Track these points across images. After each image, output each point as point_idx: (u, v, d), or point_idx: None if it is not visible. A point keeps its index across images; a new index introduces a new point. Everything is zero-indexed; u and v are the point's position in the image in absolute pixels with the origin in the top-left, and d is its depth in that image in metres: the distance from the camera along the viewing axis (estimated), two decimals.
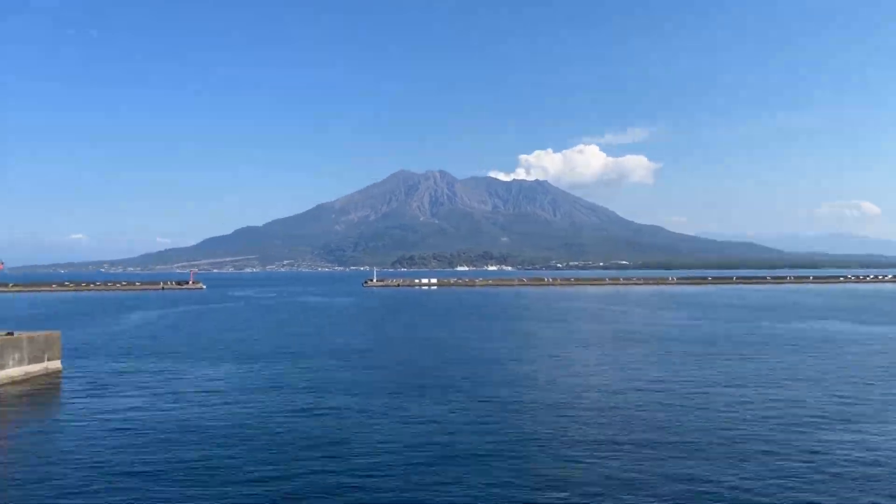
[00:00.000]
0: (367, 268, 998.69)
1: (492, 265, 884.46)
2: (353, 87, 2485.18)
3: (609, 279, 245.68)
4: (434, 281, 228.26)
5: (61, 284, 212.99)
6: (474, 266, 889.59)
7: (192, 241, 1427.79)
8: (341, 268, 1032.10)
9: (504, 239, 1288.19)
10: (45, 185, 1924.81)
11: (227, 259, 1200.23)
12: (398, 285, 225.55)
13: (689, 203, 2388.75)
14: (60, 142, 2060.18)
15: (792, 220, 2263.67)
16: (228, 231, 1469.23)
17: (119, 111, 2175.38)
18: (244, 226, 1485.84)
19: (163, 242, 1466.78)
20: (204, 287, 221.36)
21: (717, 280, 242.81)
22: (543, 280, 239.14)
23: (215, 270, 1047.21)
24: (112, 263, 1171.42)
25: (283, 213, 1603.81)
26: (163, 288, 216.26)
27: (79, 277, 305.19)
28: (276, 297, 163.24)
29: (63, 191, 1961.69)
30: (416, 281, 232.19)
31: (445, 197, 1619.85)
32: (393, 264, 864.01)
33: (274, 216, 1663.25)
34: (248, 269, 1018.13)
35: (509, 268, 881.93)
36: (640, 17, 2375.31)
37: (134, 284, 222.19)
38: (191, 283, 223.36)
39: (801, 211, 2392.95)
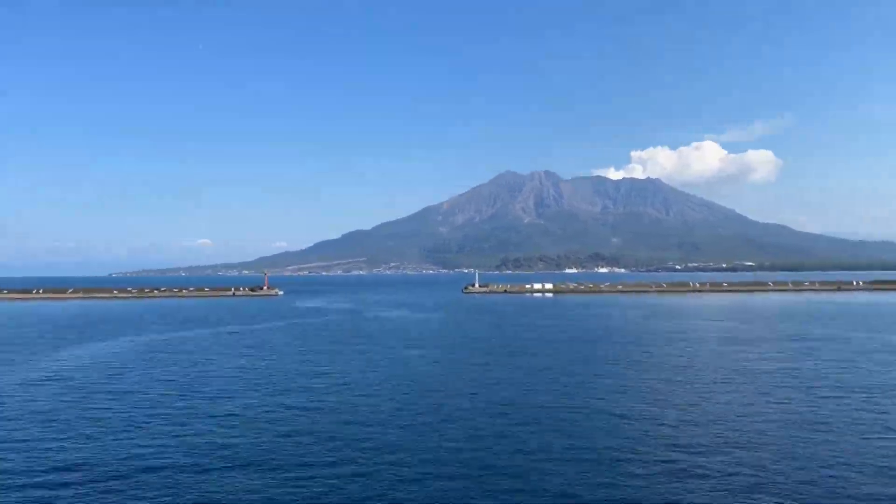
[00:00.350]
0: (471, 270, 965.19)
1: (602, 267, 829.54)
2: (457, 89, 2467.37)
3: (773, 283, 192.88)
4: (549, 286, 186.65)
5: (123, 290, 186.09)
6: (583, 268, 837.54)
7: (304, 245, 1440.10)
8: (446, 270, 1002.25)
9: (614, 240, 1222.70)
10: (177, 193, 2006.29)
11: (336, 262, 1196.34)
12: (504, 291, 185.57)
13: (816, 201, 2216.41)
14: (191, 150, 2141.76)
15: None
16: (338, 235, 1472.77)
17: (246, 120, 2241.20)
18: (354, 229, 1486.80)
19: (279, 246, 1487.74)
20: (280, 293, 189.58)
21: None
22: (689, 285, 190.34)
23: (324, 273, 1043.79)
24: (228, 267, 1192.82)
25: (390, 217, 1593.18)
26: (234, 294, 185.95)
27: (156, 283, 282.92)
28: (350, 308, 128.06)
29: (190, 199, 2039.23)
30: (527, 286, 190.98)
31: (551, 198, 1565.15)
32: (497, 266, 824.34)
33: (381, 219, 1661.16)
34: (356, 272, 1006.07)
35: (621, 269, 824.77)
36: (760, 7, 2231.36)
37: (203, 290, 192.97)
38: (265, 288, 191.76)
39: None
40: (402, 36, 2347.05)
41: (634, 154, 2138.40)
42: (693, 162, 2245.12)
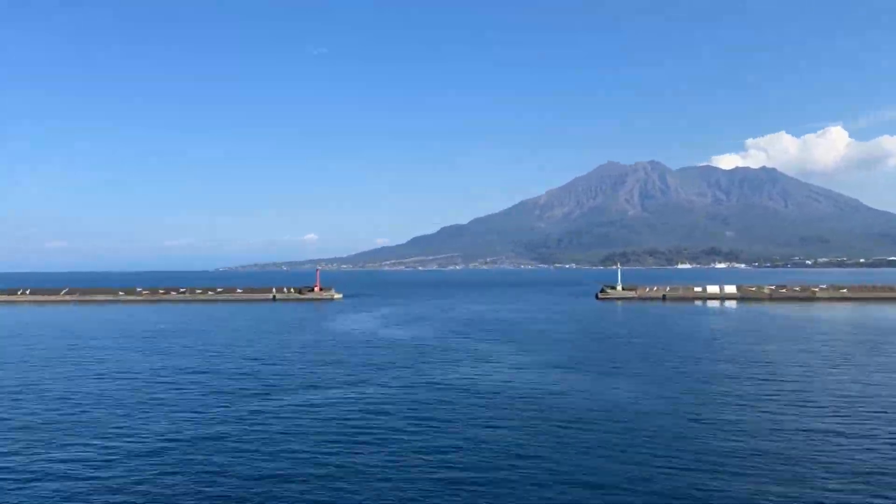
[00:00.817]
0: (574, 265, 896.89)
1: (719, 262, 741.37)
2: (552, 74, 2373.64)
3: None
4: (731, 290, 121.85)
5: (130, 291, 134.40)
6: (697, 264, 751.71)
7: (402, 240, 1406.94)
8: (545, 265, 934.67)
9: (728, 233, 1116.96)
10: (289, 189, 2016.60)
11: (432, 257, 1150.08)
12: (663, 297, 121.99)
13: None
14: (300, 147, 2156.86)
15: None
16: (434, 230, 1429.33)
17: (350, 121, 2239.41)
18: (450, 224, 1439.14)
19: (381, 242, 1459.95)
20: (339, 296, 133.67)
21: None
22: None
23: (420, 268, 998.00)
24: (327, 262, 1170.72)
25: (486, 211, 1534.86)
26: (274, 298, 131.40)
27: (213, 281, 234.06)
28: (432, 326, 70.75)
29: (303, 193, 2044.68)
30: (696, 289, 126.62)
31: (657, 189, 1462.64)
32: (603, 262, 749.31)
33: (476, 214, 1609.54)
34: (452, 267, 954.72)
35: (741, 265, 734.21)
36: None
37: (234, 291, 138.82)
38: (317, 288, 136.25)
39: None
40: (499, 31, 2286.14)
41: (749, 142, 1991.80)
42: (815, 150, 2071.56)
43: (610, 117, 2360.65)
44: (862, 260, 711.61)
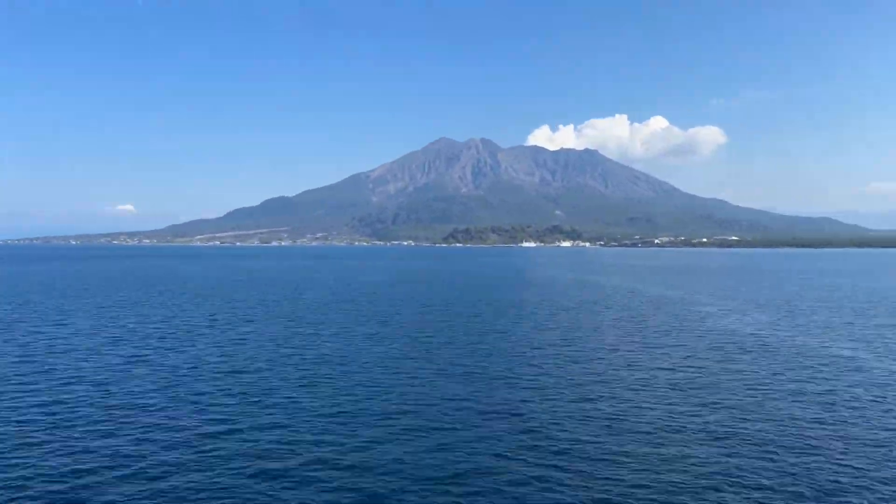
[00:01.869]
0: (410, 242, 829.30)
1: (563, 240, 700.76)
2: (389, 50, 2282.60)
3: None
4: None
5: None
6: (542, 242, 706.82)
7: (221, 213, 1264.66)
8: (381, 242, 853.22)
9: (558, 213, 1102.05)
10: (101, 153, 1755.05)
11: (254, 231, 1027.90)
12: None
13: (761, 179, 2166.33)
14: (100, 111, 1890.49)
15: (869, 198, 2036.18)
16: (256, 202, 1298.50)
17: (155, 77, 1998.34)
18: (276, 195, 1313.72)
19: (203, 213, 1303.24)
20: None
21: None
22: None
23: (238, 244, 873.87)
24: (130, 235, 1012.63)
25: (317, 183, 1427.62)
26: None
27: None
28: None
29: (113, 159, 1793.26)
30: None
31: (489, 167, 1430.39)
32: (446, 239, 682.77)
33: (306, 186, 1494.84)
34: (276, 243, 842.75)
35: (585, 243, 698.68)
36: None
37: None
38: None
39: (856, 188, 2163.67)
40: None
41: (570, 126, 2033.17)
42: (635, 135, 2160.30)
43: (443, 92, 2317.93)
44: (704, 239, 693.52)
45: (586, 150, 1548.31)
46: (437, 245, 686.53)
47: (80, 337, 41.53)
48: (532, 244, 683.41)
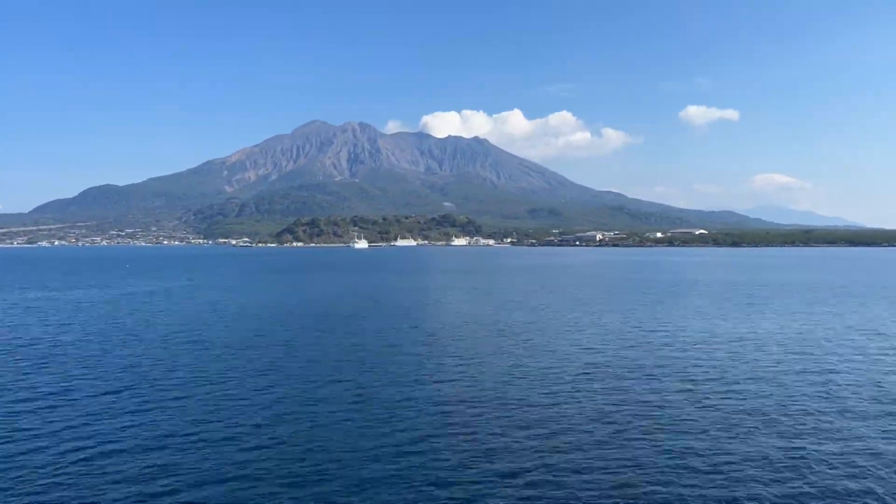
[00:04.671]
0: (247, 240, 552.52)
1: (458, 237, 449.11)
2: (254, 21, 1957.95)
3: None
4: None
5: None
6: (426, 239, 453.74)
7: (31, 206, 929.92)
8: (205, 241, 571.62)
9: (447, 204, 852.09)
10: None
11: (31, 228, 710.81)
12: None
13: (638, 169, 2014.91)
14: None
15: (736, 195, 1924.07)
16: (74, 193, 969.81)
17: None
18: (100, 185, 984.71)
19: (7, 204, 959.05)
20: None
21: None
22: None
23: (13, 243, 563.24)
24: None
25: (162, 171, 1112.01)
26: None
27: None
28: None
29: None
30: None
31: (367, 153, 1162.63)
32: (279, 235, 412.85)
33: (150, 174, 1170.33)
34: (46, 243, 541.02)
35: (488, 241, 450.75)
36: None
37: None
38: None
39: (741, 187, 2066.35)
40: None
41: (454, 113, 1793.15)
42: (505, 126, 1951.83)
43: (317, 71, 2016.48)
44: (659, 234, 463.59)
45: (475, 139, 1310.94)
46: (258, 245, 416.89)
47: None
48: (410, 242, 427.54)
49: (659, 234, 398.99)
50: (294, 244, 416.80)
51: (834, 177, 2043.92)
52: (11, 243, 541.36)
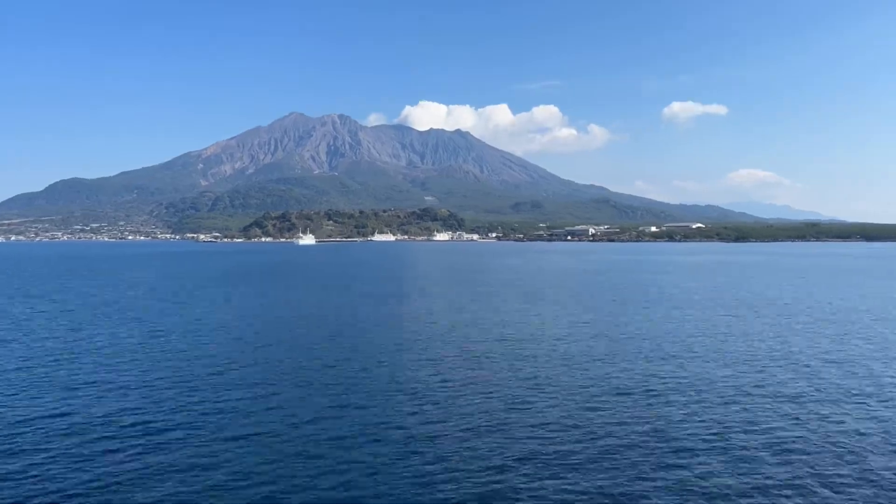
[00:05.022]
0: (214, 235, 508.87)
1: (439, 231, 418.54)
2: (234, 13, 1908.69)
3: None
4: None
5: None
6: (406, 234, 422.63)
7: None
8: (172, 236, 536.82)
9: (429, 198, 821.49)
10: None
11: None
12: None
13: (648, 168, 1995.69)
14: None
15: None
16: (41, 186, 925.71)
17: None
18: (70, 177, 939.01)
19: None
20: None
21: None
22: None
23: None
24: None
25: (136, 164, 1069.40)
26: None
27: None
28: None
29: None
30: None
31: (347, 146, 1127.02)
32: (247, 229, 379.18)
33: (122, 167, 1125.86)
34: (1, 238, 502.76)
35: (472, 236, 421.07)
36: None
37: None
38: None
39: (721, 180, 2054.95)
40: None
41: (441, 106, 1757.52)
42: (490, 120, 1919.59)
43: (295, 62, 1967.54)
44: (654, 228, 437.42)
45: (458, 132, 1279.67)
46: (224, 241, 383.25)
47: None
48: (389, 237, 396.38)
49: (654, 228, 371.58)
50: (263, 239, 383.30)
51: (810, 173, 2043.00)
52: None
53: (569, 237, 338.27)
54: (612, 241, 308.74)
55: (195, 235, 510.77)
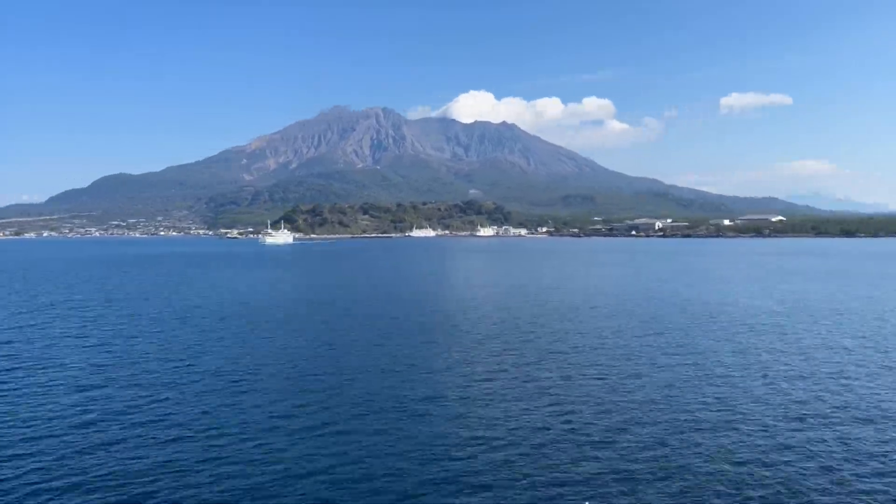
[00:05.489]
0: (238, 232, 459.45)
1: (484, 226, 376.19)
2: (279, 5, 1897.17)
3: None
4: None
5: None
6: (448, 230, 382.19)
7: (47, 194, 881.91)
8: (206, 231, 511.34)
9: (473, 191, 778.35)
10: None
11: (43, 219, 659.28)
12: None
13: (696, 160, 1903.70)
14: None
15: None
16: (85, 183, 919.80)
17: None
18: (116, 173, 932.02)
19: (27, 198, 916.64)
20: None
21: None
22: None
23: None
24: None
25: (184, 160, 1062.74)
26: None
27: None
28: None
29: None
30: None
31: (391, 140, 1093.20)
32: (275, 223, 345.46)
33: (167, 163, 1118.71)
34: (33, 234, 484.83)
35: (519, 231, 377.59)
36: None
37: None
38: None
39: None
40: None
41: (488, 95, 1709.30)
42: (542, 111, 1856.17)
43: (334, 56, 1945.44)
44: (737, 221, 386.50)
45: (504, 124, 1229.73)
46: (248, 237, 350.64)
47: None
48: (429, 232, 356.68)
49: (727, 222, 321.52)
50: (294, 235, 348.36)
51: (871, 164, 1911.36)
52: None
53: (633, 232, 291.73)
54: (688, 236, 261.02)
55: (228, 231, 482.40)
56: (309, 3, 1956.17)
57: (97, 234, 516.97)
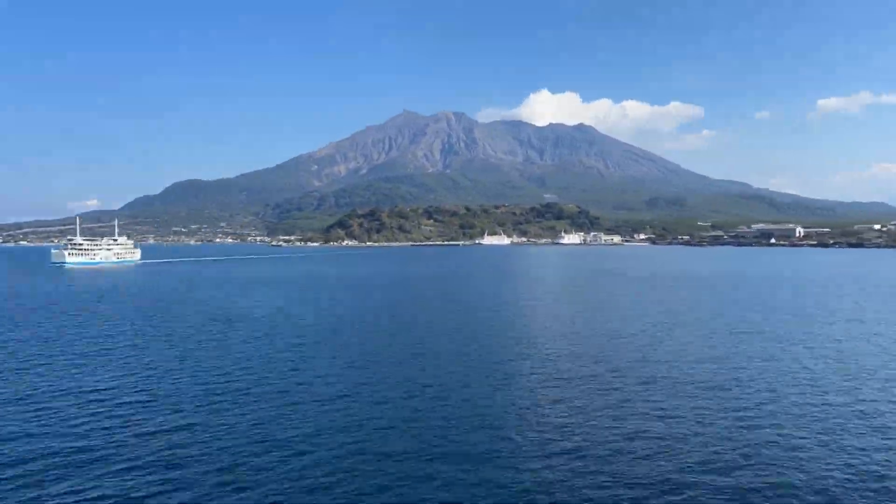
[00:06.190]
0: (285, 239, 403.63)
1: (568, 233, 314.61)
2: (346, 8, 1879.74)
3: None
4: None
5: None
6: (525, 237, 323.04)
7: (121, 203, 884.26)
8: (263, 238, 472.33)
9: (548, 196, 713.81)
10: None
11: (108, 224, 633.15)
12: None
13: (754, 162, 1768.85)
14: None
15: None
16: (158, 189, 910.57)
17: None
18: (187, 179, 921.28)
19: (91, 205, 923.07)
20: None
21: None
22: None
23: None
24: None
25: (253, 167, 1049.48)
26: None
27: None
28: None
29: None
30: None
31: (462, 144, 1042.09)
32: (328, 230, 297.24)
33: (241, 170, 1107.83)
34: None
35: (612, 237, 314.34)
36: None
37: None
38: None
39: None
40: None
41: (568, 95, 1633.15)
42: (620, 111, 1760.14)
43: (407, 62, 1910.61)
44: (890, 226, 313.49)
45: (579, 126, 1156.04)
46: (296, 244, 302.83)
47: None
48: (503, 240, 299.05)
49: (877, 227, 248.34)
50: (346, 242, 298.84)
51: None
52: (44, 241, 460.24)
53: (773, 240, 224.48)
54: (838, 244, 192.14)
55: (288, 238, 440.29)
56: (375, 11, 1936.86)
57: (151, 241, 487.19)
